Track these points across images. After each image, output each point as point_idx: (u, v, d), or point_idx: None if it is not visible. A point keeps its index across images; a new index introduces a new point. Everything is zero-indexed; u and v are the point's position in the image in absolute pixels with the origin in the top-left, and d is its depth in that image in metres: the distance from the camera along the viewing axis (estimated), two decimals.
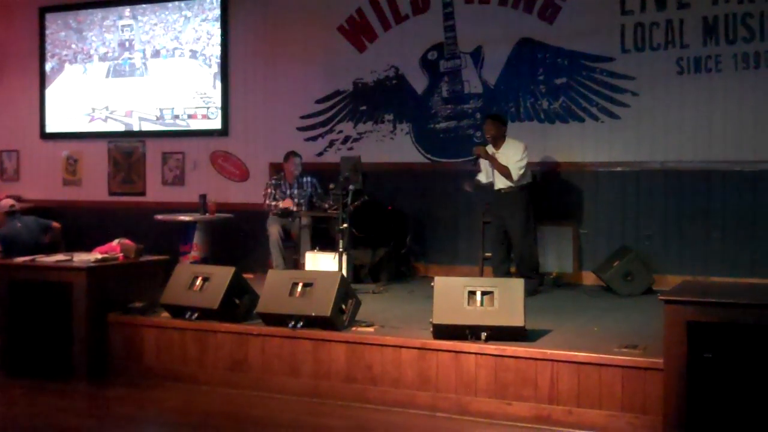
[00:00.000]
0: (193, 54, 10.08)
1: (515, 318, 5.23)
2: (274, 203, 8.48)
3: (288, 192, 8.56)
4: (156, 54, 10.32)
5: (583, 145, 8.28)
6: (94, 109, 10.63)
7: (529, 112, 8.47)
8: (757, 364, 4.31)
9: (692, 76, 7.87)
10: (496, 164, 7.39)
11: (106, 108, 10.58)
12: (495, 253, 7.65)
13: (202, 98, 10.05)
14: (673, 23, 7.92)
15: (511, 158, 7.34)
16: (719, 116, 7.76)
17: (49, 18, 10.88)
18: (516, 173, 7.31)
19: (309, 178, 8.71)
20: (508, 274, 7.44)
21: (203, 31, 10.02)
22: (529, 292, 6.74)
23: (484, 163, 7.57)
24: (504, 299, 5.31)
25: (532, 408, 5.02)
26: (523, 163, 7.35)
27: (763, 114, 7.62)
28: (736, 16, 7.70)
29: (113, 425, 5.33)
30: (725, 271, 7.49)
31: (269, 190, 8.58)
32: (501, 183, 7.43)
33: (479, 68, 8.74)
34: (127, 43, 10.51)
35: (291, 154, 8.67)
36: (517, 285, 5.40)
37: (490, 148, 7.49)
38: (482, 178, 7.66)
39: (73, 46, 10.78)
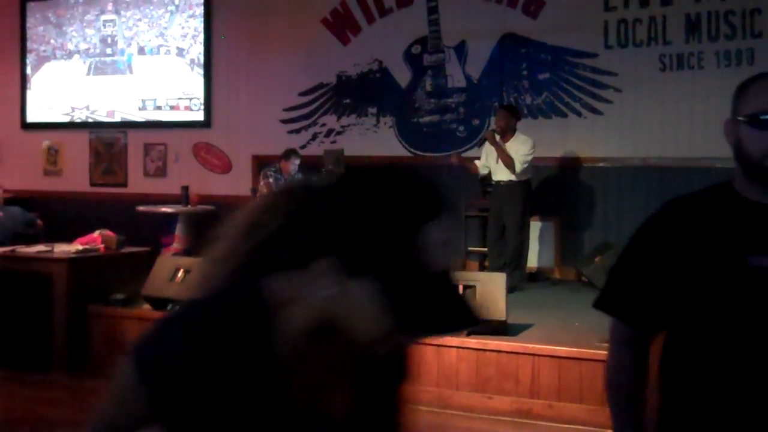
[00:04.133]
0: (180, 52, 10.03)
1: (497, 312, 5.25)
2: None
3: None
4: (140, 51, 10.25)
5: (565, 141, 8.31)
6: (74, 109, 10.54)
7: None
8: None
9: (675, 72, 7.92)
10: (500, 152, 7.30)
11: (87, 108, 10.50)
12: (492, 248, 7.60)
13: (184, 90, 10.02)
14: (656, 20, 7.96)
15: (517, 153, 7.29)
16: (701, 113, 7.81)
17: (29, 10, 10.77)
18: (519, 166, 7.26)
19: (300, 175, 8.67)
20: (505, 269, 7.34)
21: (190, 28, 9.97)
22: (512, 288, 6.78)
23: (485, 153, 7.52)
24: (486, 293, 5.33)
25: (513, 402, 5.05)
26: (529, 158, 7.30)
27: None
28: (719, 14, 7.75)
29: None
30: None
31: (270, 180, 8.51)
32: (502, 174, 7.36)
33: (463, 62, 8.75)
34: (109, 39, 10.43)
35: (292, 154, 8.56)
36: (500, 279, 5.42)
37: (498, 137, 7.46)
38: (482, 169, 7.56)
39: (52, 41, 10.67)
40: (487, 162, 7.52)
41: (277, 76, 9.53)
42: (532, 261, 8.21)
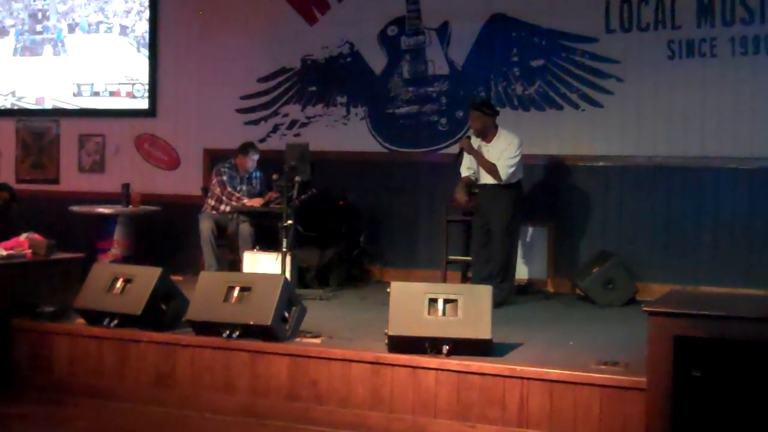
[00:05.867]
0: (123, 30, 9.96)
1: (481, 330, 5.26)
2: (237, 196, 8.38)
3: (238, 188, 8.51)
4: (76, 28, 10.16)
5: (560, 136, 8.35)
6: None
7: (501, 98, 8.51)
8: (750, 383, 4.38)
9: (684, 61, 7.98)
10: (481, 161, 7.37)
11: (13, 93, 10.40)
12: (476, 256, 7.64)
13: (126, 74, 9.96)
14: (665, 1, 8.02)
15: (502, 154, 7.31)
16: (713, 107, 7.87)
17: None
18: (504, 172, 7.30)
19: (257, 173, 8.68)
20: (490, 281, 7.27)
21: (134, 2, 9.90)
22: (499, 302, 6.81)
23: (468, 158, 7.54)
24: (469, 308, 5.33)
25: (499, 431, 5.05)
26: (515, 161, 7.33)
27: (762, 105, 7.74)
28: None
29: None
30: (717, 280, 7.61)
31: (224, 178, 8.48)
32: (487, 179, 7.43)
33: (445, 46, 8.77)
34: (39, 14, 10.33)
35: (250, 149, 8.56)
36: (484, 293, 5.43)
37: (476, 141, 7.46)
38: (464, 171, 7.60)
39: None
40: (471, 164, 7.56)
41: (233, 60, 9.49)
42: (522, 272, 8.24)
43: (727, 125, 7.86)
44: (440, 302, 5.39)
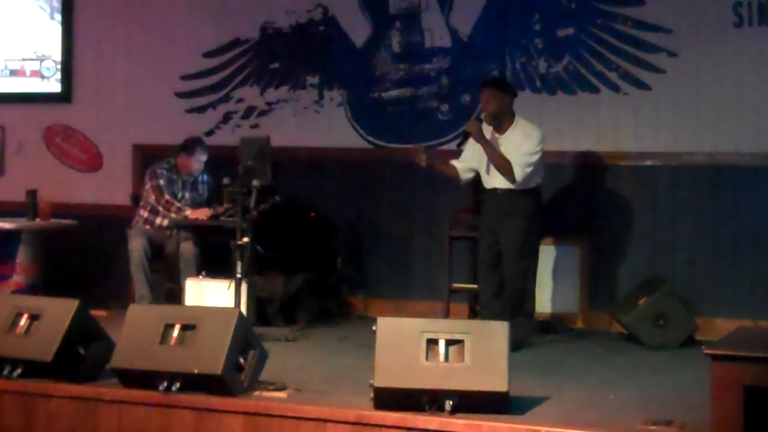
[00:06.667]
0: None
1: (495, 379, 5.25)
2: (178, 206, 8.36)
3: (179, 195, 8.50)
4: None
5: (596, 127, 8.39)
6: None
7: (518, 77, 8.55)
8: None
9: (756, 30, 8.01)
10: (491, 153, 7.32)
11: None
12: (485, 283, 7.60)
13: (34, 48, 9.96)
14: None
15: (519, 149, 7.29)
16: None
17: None
18: (521, 172, 7.26)
19: (205, 177, 8.66)
20: (502, 315, 7.16)
21: None
22: (518, 343, 6.81)
23: (471, 150, 7.55)
24: (479, 352, 5.33)
25: None
26: (534, 159, 7.30)
27: None
28: None
29: None
30: None
31: (161, 182, 8.46)
32: (498, 180, 7.38)
33: (447, 11, 8.80)
34: None
35: (196, 145, 8.56)
36: (499, 331, 5.43)
37: (486, 128, 7.44)
38: (460, 166, 7.59)
39: None
40: (474, 162, 7.56)
41: (171, 29, 9.52)
42: (545, 304, 8.25)
43: None
44: (442, 344, 5.37)
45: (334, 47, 9.12)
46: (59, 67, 9.89)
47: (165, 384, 5.63)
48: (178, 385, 5.62)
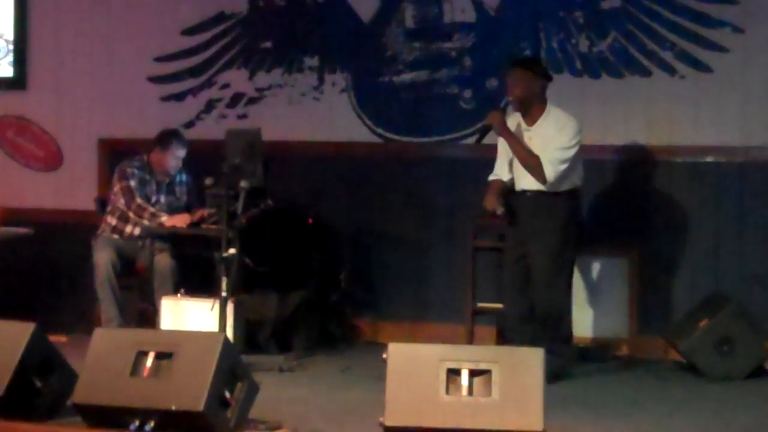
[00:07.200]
0: None
1: (529, 417, 5.26)
2: (152, 211, 8.37)
3: (153, 199, 8.52)
4: None
5: (647, 117, 8.41)
6: None
7: (555, 58, 8.59)
8: None
9: None
10: (516, 148, 7.33)
11: None
12: (512, 302, 7.63)
13: None
14: None
15: (550, 143, 7.28)
16: None
17: None
18: (552, 170, 7.23)
19: (184, 177, 8.68)
20: (535, 340, 7.14)
21: None
22: (555, 374, 6.82)
23: (502, 145, 7.56)
24: (510, 384, 5.33)
25: None
26: (570, 154, 7.28)
27: None
28: None
29: None
30: None
31: (132, 183, 8.46)
32: (527, 181, 7.39)
33: None
34: None
35: (173, 139, 8.57)
36: (533, 359, 5.43)
37: (512, 121, 7.46)
38: (501, 172, 7.59)
39: None
40: (504, 161, 7.57)
41: (143, 2, 9.56)
42: (585, 327, 8.25)
43: None
44: (465, 375, 5.37)
45: (336, 23, 9.16)
46: (11, 47, 9.94)
47: (137, 423, 5.63)
48: (152, 424, 5.62)
